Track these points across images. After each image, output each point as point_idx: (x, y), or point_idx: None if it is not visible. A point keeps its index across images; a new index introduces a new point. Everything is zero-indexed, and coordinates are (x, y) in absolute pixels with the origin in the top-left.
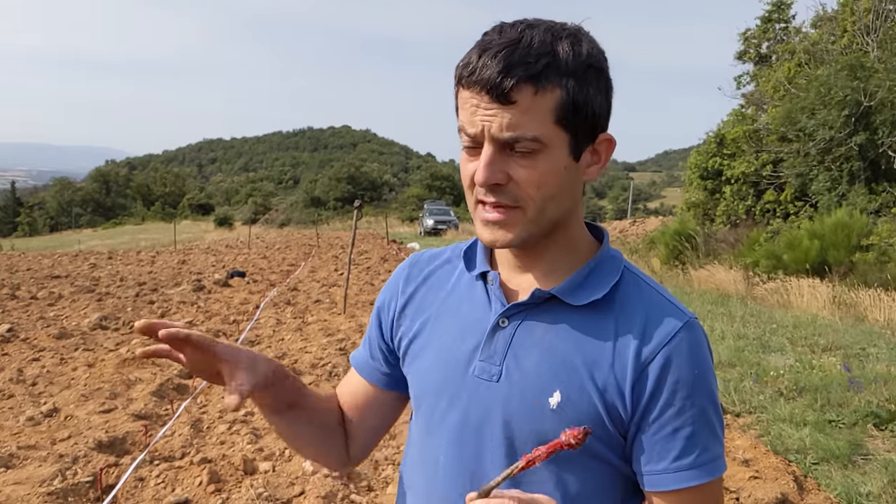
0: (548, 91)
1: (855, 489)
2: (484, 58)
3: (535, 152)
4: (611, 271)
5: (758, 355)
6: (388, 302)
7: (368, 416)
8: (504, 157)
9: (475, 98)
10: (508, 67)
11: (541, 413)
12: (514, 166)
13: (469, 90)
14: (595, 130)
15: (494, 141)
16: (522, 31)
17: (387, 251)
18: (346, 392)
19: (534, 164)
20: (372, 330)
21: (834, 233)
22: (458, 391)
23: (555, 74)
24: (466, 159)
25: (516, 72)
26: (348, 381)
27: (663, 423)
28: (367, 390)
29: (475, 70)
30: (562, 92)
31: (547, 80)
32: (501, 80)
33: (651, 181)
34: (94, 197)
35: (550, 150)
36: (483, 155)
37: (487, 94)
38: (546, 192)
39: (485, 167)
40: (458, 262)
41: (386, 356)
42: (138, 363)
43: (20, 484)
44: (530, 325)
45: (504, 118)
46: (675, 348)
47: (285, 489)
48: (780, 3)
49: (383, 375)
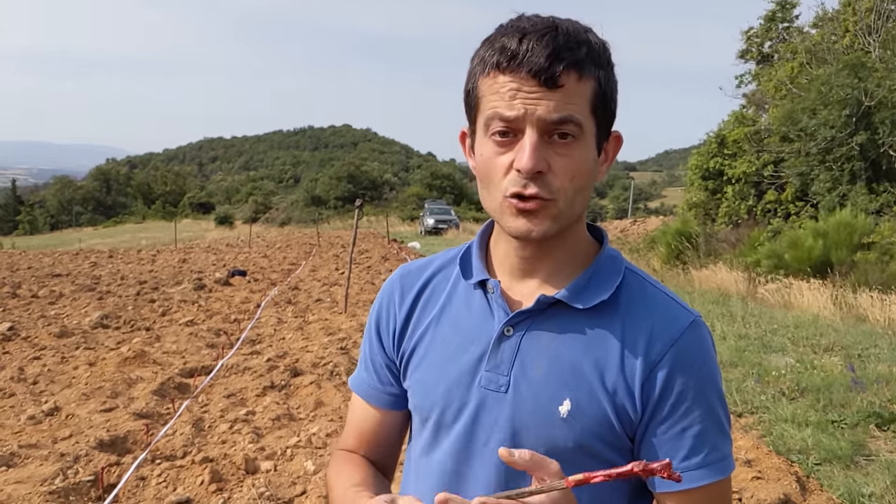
0: (587, 79)
1: (857, 490)
2: (527, 42)
3: (573, 140)
4: (613, 272)
5: (759, 355)
6: (386, 317)
7: (390, 443)
8: (544, 144)
9: (516, 82)
10: (557, 51)
11: (551, 422)
12: (552, 154)
13: (510, 74)
14: (611, 125)
15: (540, 124)
16: (553, 20)
17: (387, 250)
18: (365, 439)
19: (571, 153)
20: (372, 351)
21: (837, 232)
22: (465, 402)
23: (592, 63)
24: (496, 151)
25: (564, 55)
26: (359, 423)
27: (672, 423)
28: (382, 420)
29: (517, 54)
30: (595, 82)
31: (587, 67)
32: (551, 63)
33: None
34: (95, 195)
35: (586, 139)
36: (527, 140)
37: (534, 77)
38: (577, 184)
39: (533, 152)
40: (450, 269)
41: (396, 375)
42: (139, 361)
43: (21, 483)
44: (536, 333)
45: (550, 102)
46: (683, 347)
47: (287, 489)
48: (785, 1)
49: (394, 398)
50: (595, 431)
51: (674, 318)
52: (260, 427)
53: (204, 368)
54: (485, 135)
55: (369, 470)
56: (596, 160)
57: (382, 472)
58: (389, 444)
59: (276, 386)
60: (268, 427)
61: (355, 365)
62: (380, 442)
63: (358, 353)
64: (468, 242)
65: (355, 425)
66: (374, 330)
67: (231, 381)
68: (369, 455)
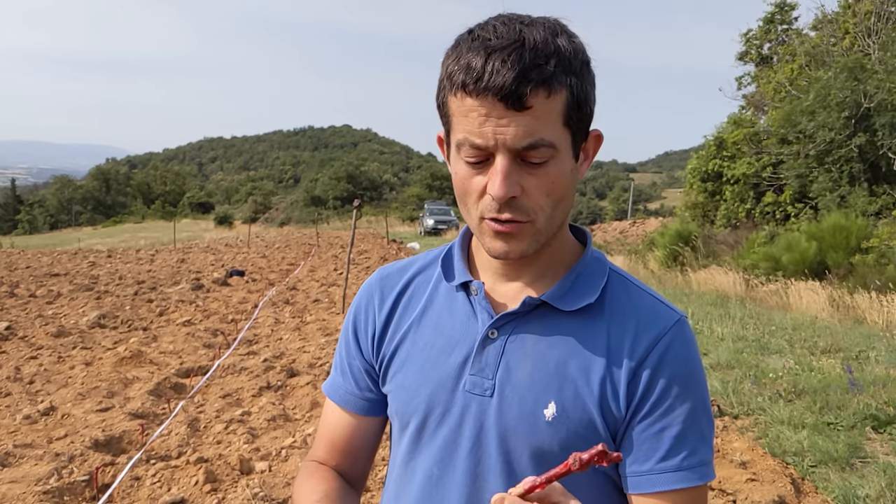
0: (557, 92)
1: (853, 492)
2: (492, 62)
3: (547, 159)
4: (598, 274)
5: (757, 357)
6: (364, 320)
7: (364, 452)
8: (517, 168)
9: (484, 107)
10: (524, 72)
11: (536, 425)
12: (525, 176)
13: (476, 98)
14: (588, 127)
15: (510, 151)
16: (521, 30)
17: (387, 251)
18: (338, 448)
19: (546, 172)
20: (350, 355)
21: (832, 235)
22: (449, 407)
23: (562, 74)
24: (469, 172)
25: (532, 76)
26: (331, 432)
27: (652, 422)
28: (357, 427)
29: (482, 76)
30: (567, 92)
31: (557, 81)
32: (517, 86)
33: (651, 182)
34: (95, 195)
35: (560, 154)
36: (499, 167)
37: (501, 101)
38: (555, 198)
39: (503, 180)
40: (431, 271)
41: (374, 379)
42: (136, 361)
43: (16, 482)
44: (521, 335)
45: (519, 126)
46: (668, 346)
47: (281, 489)
48: (783, 3)
49: (372, 403)
50: (580, 434)
51: (658, 317)
52: (255, 427)
53: (200, 369)
54: (457, 154)
55: (334, 483)
56: (574, 168)
57: (353, 484)
58: (363, 454)
59: (273, 386)
60: (263, 428)
61: None
62: (352, 451)
63: None
64: (449, 243)
65: (327, 434)
66: (351, 333)
67: (227, 382)
68: (340, 465)
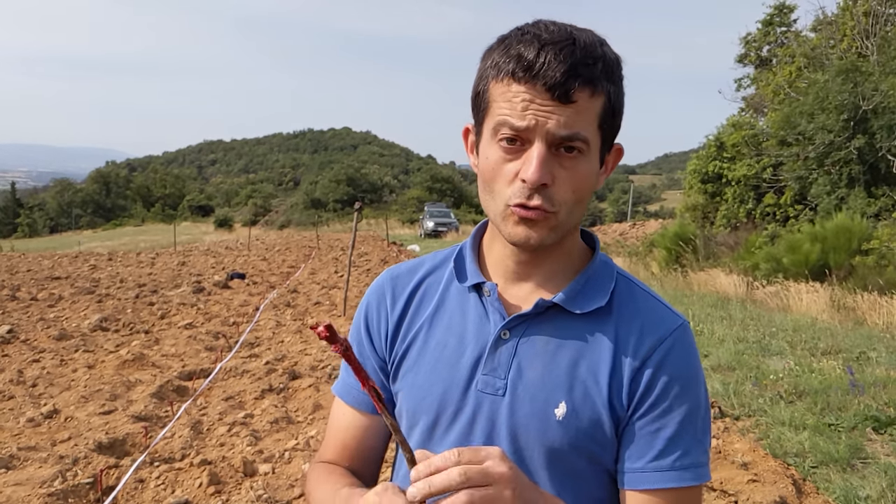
0: (598, 95)
1: (854, 493)
2: (545, 54)
3: (579, 155)
4: (607, 277)
5: (757, 358)
6: (377, 319)
7: (375, 453)
8: (550, 157)
9: (530, 94)
10: (573, 67)
11: (547, 424)
12: (557, 167)
13: (524, 85)
14: (615, 137)
15: (549, 137)
16: (571, 31)
17: (387, 253)
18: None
19: (576, 167)
20: (361, 355)
21: (835, 236)
22: (461, 406)
23: (605, 79)
24: (502, 157)
25: (581, 71)
26: (342, 433)
27: (649, 421)
28: (370, 426)
29: (534, 65)
30: (605, 98)
31: (600, 84)
32: (566, 80)
33: (651, 184)
34: (95, 198)
35: (591, 153)
36: (535, 153)
37: (548, 91)
38: (577, 197)
39: (540, 166)
40: (442, 272)
41: (387, 376)
42: (138, 364)
43: (20, 485)
44: (533, 337)
45: (562, 117)
46: (670, 349)
47: (285, 491)
48: (782, 6)
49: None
50: (589, 433)
51: (662, 321)
52: (258, 430)
53: (202, 371)
54: (492, 138)
55: (355, 479)
56: (597, 172)
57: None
58: (374, 455)
59: (275, 389)
60: (266, 430)
61: None
62: (364, 452)
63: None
64: (458, 244)
65: (338, 435)
66: (363, 331)
67: (229, 384)
68: (352, 467)
